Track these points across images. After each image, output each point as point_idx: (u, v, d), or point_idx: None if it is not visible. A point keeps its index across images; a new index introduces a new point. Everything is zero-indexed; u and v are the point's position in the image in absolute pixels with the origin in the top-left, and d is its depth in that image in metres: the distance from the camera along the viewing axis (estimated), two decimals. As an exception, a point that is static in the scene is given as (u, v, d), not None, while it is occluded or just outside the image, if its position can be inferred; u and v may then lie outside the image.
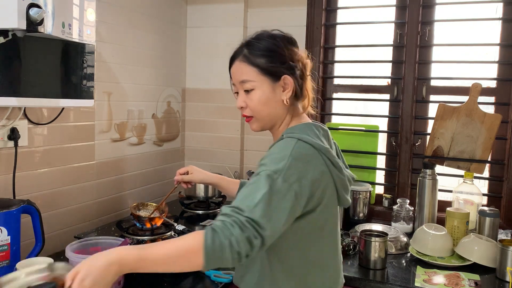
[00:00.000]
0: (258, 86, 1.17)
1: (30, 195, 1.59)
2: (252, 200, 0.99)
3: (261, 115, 1.20)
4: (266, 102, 1.18)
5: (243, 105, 1.20)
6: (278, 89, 1.17)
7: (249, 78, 1.17)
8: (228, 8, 2.42)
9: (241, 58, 1.19)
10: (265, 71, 1.16)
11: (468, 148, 2.01)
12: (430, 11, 2.15)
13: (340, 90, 2.37)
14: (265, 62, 1.16)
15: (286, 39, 1.21)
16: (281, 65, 1.16)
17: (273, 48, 1.17)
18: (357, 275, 1.57)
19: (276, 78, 1.17)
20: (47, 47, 1.43)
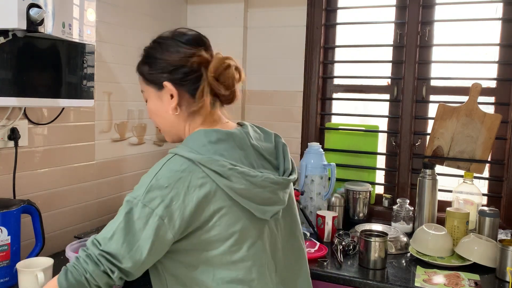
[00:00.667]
0: (148, 96, 1.12)
1: (30, 195, 1.59)
2: (109, 231, 0.94)
3: (161, 126, 1.14)
4: (155, 112, 1.11)
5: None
6: (165, 97, 1.07)
7: (142, 87, 1.13)
8: (228, 8, 2.42)
9: (136, 67, 1.15)
10: (147, 80, 1.10)
11: (468, 148, 2.01)
12: (430, 11, 2.15)
13: (340, 90, 2.37)
14: (147, 69, 1.09)
15: (182, 40, 1.09)
16: (160, 72, 1.06)
17: (152, 54, 1.09)
18: (357, 275, 1.57)
19: (158, 86, 1.07)
20: (47, 47, 1.43)
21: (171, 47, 1.08)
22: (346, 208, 2.17)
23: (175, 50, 1.07)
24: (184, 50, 1.07)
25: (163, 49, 1.08)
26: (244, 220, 0.99)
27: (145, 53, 1.12)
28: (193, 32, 1.13)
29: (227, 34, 2.43)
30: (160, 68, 1.07)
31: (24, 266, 1.26)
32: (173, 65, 1.06)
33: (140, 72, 1.12)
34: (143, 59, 1.12)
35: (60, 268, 1.44)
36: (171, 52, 1.07)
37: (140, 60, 1.13)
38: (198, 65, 1.06)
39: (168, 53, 1.07)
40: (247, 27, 2.42)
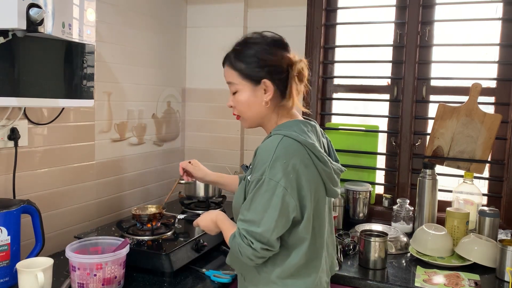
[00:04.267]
0: (241, 89, 1.26)
1: (30, 195, 1.59)
2: (246, 207, 1.18)
3: (246, 115, 1.29)
4: (248, 104, 1.26)
5: (232, 105, 1.31)
6: (259, 91, 1.24)
7: (233, 81, 1.27)
8: (228, 8, 2.42)
9: (228, 62, 1.28)
10: (245, 75, 1.24)
11: (468, 148, 2.01)
12: (430, 11, 2.15)
13: (340, 90, 2.37)
14: (246, 67, 1.24)
15: (272, 42, 1.26)
16: (260, 69, 1.23)
17: (254, 54, 1.23)
18: (357, 275, 1.57)
19: (256, 82, 1.24)
20: (47, 47, 1.43)
21: (268, 48, 1.24)
22: (346, 208, 2.17)
23: (272, 52, 1.23)
24: (279, 53, 1.24)
25: (261, 49, 1.24)
26: (323, 198, 1.24)
27: (239, 51, 1.26)
28: (278, 36, 1.28)
29: (227, 34, 2.43)
30: (258, 66, 1.23)
31: (24, 266, 1.26)
32: (270, 65, 1.23)
33: (235, 67, 1.25)
34: (237, 56, 1.25)
35: (60, 268, 1.46)
36: (269, 53, 1.23)
37: (232, 56, 1.26)
38: (287, 65, 1.24)
39: (267, 54, 1.23)
40: (247, 27, 2.42)
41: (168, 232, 1.66)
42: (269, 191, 1.13)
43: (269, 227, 1.13)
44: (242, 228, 1.17)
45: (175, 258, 1.51)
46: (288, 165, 1.14)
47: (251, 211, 1.16)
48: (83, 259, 1.30)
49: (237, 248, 1.18)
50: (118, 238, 1.48)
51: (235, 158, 2.47)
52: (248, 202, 1.18)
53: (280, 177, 1.13)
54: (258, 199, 1.15)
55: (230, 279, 1.48)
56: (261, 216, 1.14)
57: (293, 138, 1.17)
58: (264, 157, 1.16)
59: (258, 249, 1.14)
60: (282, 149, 1.15)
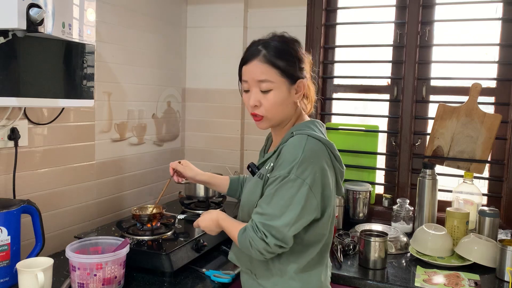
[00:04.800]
0: (276, 87, 1.21)
1: (30, 195, 1.59)
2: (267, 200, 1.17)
3: (273, 115, 1.24)
4: (281, 103, 1.23)
5: (257, 104, 1.23)
6: (292, 91, 1.23)
7: (269, 78, 1.20)
8: (228, 8, 2.42)
9: (261, 58, 1.20)
10: (285, 73, 1.21)
11: (468, 148, 2.01)
12: (430, 11, 2.15)
13: (340, 90, 2.37)
14: (285, 64, 1.20)
15: (296, 42, 1.27)
16: (297, 69, 1.23)
17: (292, 52, 1.22)
18: (357, 275, 1.57)
19: (293, 81, 1.22)
20: (47, 47, 1.43)
21: (299, 48, 1.25)
22: (346, 208, 2.17)
23: (302, 52, 1.26)
24: (306, 53, 1.27)
25: (296, 48, 1.24)
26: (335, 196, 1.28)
27: (279, 48, 1.22)
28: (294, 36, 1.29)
29: (227, 34, 2.43)
30: (296, 65, 1.23)
31: (24, 266, 1.26)
32: (304, 65, 1.25)
33: (275, 65, 1.20)
34: (276, 52, 1.21)
35: (60, 268, 1.46)
36: (302, 54, 1.25)
37: (269, 52, 1.20)
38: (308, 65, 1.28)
39: (301, 53, 1.25)
40: (247, 27, 2.42)
41: (168, 232, 1.66)
42: (294, 188, 1.14)
43: (288, 223, 1.14)
44: (259, 221, 1.16)
45: (175, 258, 1.51)
46: (316, 164, 1.16)
47: (271, 205, 1.16)
48: (83, 259, 1.30)
49: (247, 242, 1.17)
50: (118, 238, 1.47)
51: (235, 158, 2.47)
52: (269, 197, 1.17)
53: (307, 176, 1.14)
54: (281, 194, 1.15)
55: (230, 279, 1.48)
56: (283, 211, 1.14)
57: (316, 138, 1.19)
58: (292, 156, 1.16)
59: (272, 244, 1.14)
60: (310, 148, 1.17)
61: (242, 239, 1.20)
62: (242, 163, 2.48)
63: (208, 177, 1.59)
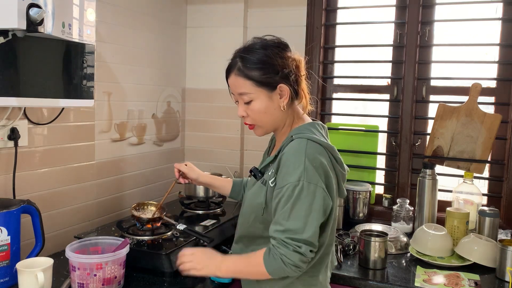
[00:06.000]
0: (256, 97, 1.23)
1: (30, 195, 1.59)
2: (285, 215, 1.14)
3: (263, 122, 1.27)
4: (265, 111, 1.24)
5: (244, 114, 1.28)
6: (275, 97, 1.23)
7: (246, 90, 1.23)
8: (228, 8, 2.42)
9: (236, 72, 1.24)
10: (260, 83, 1.21)
11: (468, 148, 2.01)
12: (430, 11, 2.15)
13: (340, 90, 2.37)
14: (259, 74, 1.21)
15: (277, 45, 1.24)
16: (275, 75, 1.21)
17: (266, 60, 1.21)
18: (357, 275, 1.57)
19: (272, 88, 1.22)
20: (47, 47, 1.43)
21: (277, 52, 1.22)
22: (346, 208, 2.17)
23: (282, 56, 1.22)
24: (286, 55, 1.23)
25: (272, 54, 1.21)
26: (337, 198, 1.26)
27: (249, 59, 1.22)
28: (278, 38, 1.27)
29: (227, 34, 2.43)
30: (273, 72, 1.21)
31: (24, 266, 1.26)
32: (283, 69, 1.22)
33: (249, 77, 1.21)
34: (248, 63, 1.22)
35: (60, 268, 1.46)
36: (280, 57, 1.22)
37: (241, 64, 1.22)
38: (294, 67, 1.24)
39: (279, 58, 1.21)
40: (247, 27, 2.42)
41: (168, 232, 1.66)
42: (310, 195, 1.13)
43: (314, 231, 1.14)
44: (285, 237, 1.13)
45: (175, 258, 1.50)
46: (319, 167, 1.16)
47: (292, 220, 1.13)
48: (83, 259, 1.30)
49: (278, 260, 1.13)
50: (118, 238, 1.47)
51: (235, 158, 2.47)
52: (286, 212, 1.14)
53: (317, 179, 1.14)
54: (299, 205, 1.13)
55: (230, 279, 1.48)
56: (305, 222, 1.13)
57: (316, 141, 1.19)
58: (295, 161, 1.15)
59: (307, 252, 1.13)
60: (311, 152, 1.16)
61: (270, 261, 1.15)
62: (242, 163, 2.48)
63: (211, 179, 1.61)
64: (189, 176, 1.59)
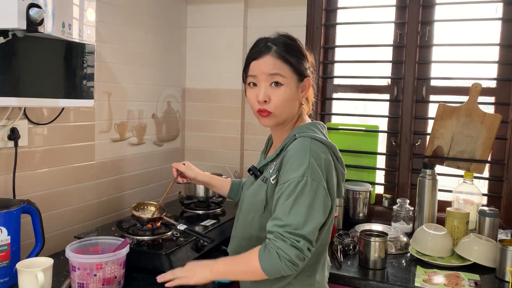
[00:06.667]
0: (287, 83, 1.22)
1: (30, 195, 1.59)
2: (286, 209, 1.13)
3: (281, 111, 1.23)
4: (289, 99, 1.23)
5: (266, 99, 1.21)
6: (299, 89, 1.26)
7: (281, 72, 1.21)
8: (228, 8, 2.42)
9: (273, 54, 1.21)
10: (295, 69, 1.23)
11: (468, 148, 2.01)
12: (430, 11, 2.15)
13: (340, 90, 2.37)
14: (295, 61, 1.23)
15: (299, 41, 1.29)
16: (306, 68, 1.26)
17: (302, 51, 1.26)
18: (357, 275, 1.57)
19: (301, 79, 1.25)
20: (47, 47, 1.43)
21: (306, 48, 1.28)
22: (346, 208, 2.17)
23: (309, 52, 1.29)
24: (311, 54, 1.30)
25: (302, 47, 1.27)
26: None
27: (290, 45, 1.24)
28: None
29: (227, 34, 2.43)
30: (305, 63, 1.26)
31: (24, 266, 1.26)
32: (310, 64, 1.28)
33: (288, 61, 1.22)
34: (288, 49, 1.23)
35: (60, 268, 1.46)
36: (309, 53, 1.29)
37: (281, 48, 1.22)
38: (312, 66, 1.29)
39: (309, 53, 1.29)
40: (247, 27, 2.42)
41: (168, 232, 1.66)
42: (313, 192, 1.13)
43: (314, 228, 1.13)
44: (283, 231, 1.11)
45: (175, 258, 1.51)
46: (322, 166, 1.16)
47: (293, 215, 1.11)
48: (83, 259, 1.30)
49: (274, 255, 1.10)
50: (118, 238, 1.47)
51: (235, 158, 2.47)
52: (287, 206, 1.12)
53: (320, 178, 1.15)
54: (301, 201, 1.12)
55: (230, 279, 1.48)
56: (306, 218, 1.12)
57: (320, 140, 1.20)
58: (300, 158, 1.15)
59: (305, 248, 1.10)
60: (315, 150, 1.17)
61: (265, 256, 1.12)
62: (242, 163, 2.48)
63: (209, 178, 1.61)
64: (187, 175, 1.59)
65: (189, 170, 1.59)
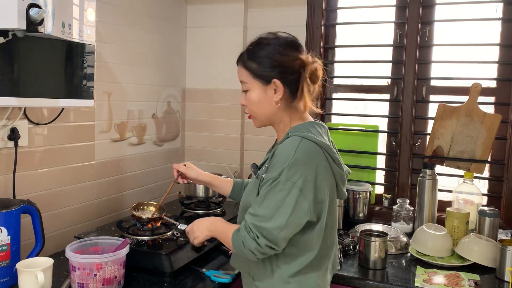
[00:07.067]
0: (251, 88, 1.28)
1: (30, 195, 1.59)
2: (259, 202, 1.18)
3: (257, 113, 1.31)
4: (258, 102, 1.28)
5: (243, 103, 1.32)
6: (269, 91, 1.26)
7: (244, 79, 1.29)
8: (228, 8, 2.42)
9: (240, 62, 1.30)
10: (255, 75, 1.26)
11: (468, 148, 2.01)
12: (430, 11, 2.15)
13: (340, 90, 2.37)
14: (256, 67, 1.26)
15: (285, 43, 1.27)
16: (271, 70, 1.24)
17: (266, 54, 1.25)
18: (357, 275, 1.57)
19: (266, 82, 1.25)
20: (47, 47, 1.43)
21: (281, 49, 1.25)
22: (346, 208, 2.17)
23: (285, 53, 1.25)
24: (291, 54, 1.25)
25: (273, 50, 1.25)
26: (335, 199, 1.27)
27: (252, 51, 1.28)
28: (292, 37, 1.29)
29: (227, 34, 2.43)
30: (270, 66, 1.24)
31: (24, 266, 1.26)
32: (282, 66, 1.24)
33: (247, 67, 1.27)
34: (249, 56, 1.27)
35: (60, 268, 1.46)
36: (282, 54, 1.24)
37: (244, 56, 1.29)
38: (299, 67, 1.25)
39: (279, 54, 1.24)
40: (247, 27, 2.42)
41: (168, 232, 1.66)
42: (285, 191, 1.14)
43: (279, 225, 1.14)
44: (251, 222, 1.17)
45: (175, 258, 1.51)
46: (307, 167, 1.15)
47: (263, 207, 1.17)
48: (83, 259, 1.30)
49: (240, 242, 1.19)
50: (118, 238, 1.47)
51: (235, 158, 2.47)
52: (261, 198, 1.18)
53: (297, 179, 1.14)
54: (272, 196, 1.15)
55: (230, 279, 1.48)
56: (273, 213, 1.15)
57: (311, 140, 1.19)
58: (283, 158, 1.16)
59: (263, 245, 1.15)
60: (302, 151, 1.16)
61: (235, 239, 1.22)
62: (242, 163, 2.48)
63: (211, 178, 1.61)
64: (189, 175, 1.59)
65: (190, 171, 1.59)
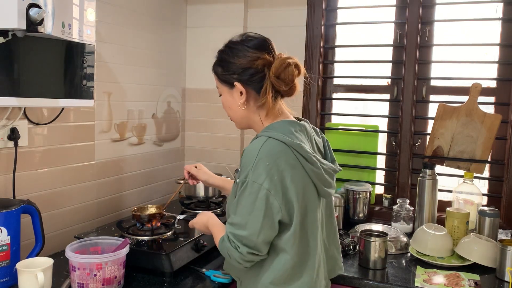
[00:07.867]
0: (222, 92, 1.32)
1: (30, 195, 1.59)
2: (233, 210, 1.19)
3: (231, 117, 1.34)
4: (229, 106, 1.31)
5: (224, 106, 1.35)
6: (235, 94, 1.27)
7: (216, 84, 1.33)
8: (228, 8, 2.42)
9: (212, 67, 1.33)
10: (220, 79, 1.30)
11: (468, 148, 2.01)
12: (430, 11, 2.15)
13: (340, 90, 2.37)
14: (220, 71, 1.29)
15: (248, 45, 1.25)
16: (232, 73, 1.25)
17: (225, 58, 1.27)
18: (357, 275, 1.57)
19: (230, 85, 1.27)
20: (47, 47, 1.43)
21: (240, 51, 1.25)
22: (346, 208, 2.17)
23: (243, 55, 1.24)
24: (251, 54, 1.24)
25: (233, 53, 1.26)
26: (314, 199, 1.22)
27: (219, 56, 1.30)
28: (259, 37, 1.28)
29: (227, 34, 2.40)
30: (231, 70, 1.25)
31: (24, 266, 1.26)
32: (242, 68, 1.24)
33: (215, 72, 1.31)
34: (217, 61, 1.30)
35: (60, 268, 1.46)
36: (239, 57, 1.25)
37: (215, 61, 1.31)
38: (262, 66, 1.23)
39: (238, 57, 1.25)
40: (247, 27, 2.42)
41: (168, 232, 1.66)
42: (253, 194, 1.13)
43: (255, 231, 1.13)
44: (229, 231, 1.17)
45: (175, 258, 1.51)
46: (272, 167, 1.13)
47: (237, 214, 1.17)
48: (83, 259, 1.30)
49: (225, 253, 1.20)
50: (118, 238, 1.47)
51: (235, 158, 2.47)
52: (234, 205, 1.18)
53: (263, 180, 1.12)
54: (243, 202, 1.15)
55: (230, 279, 1.48)
56: (246, 219, 1.14)
57: (278, 139, 1.17)
58: (248, 159, 1.16)
59: (245, 253, 1.14)
60: (266, 150, 1.15)
61: (221, 248, 1.22)
62: (239, 166, 2.48)
63: (222, 181, 1.63)
64: (199, 177, 1.63)
65: (201, 173, 1.62)
